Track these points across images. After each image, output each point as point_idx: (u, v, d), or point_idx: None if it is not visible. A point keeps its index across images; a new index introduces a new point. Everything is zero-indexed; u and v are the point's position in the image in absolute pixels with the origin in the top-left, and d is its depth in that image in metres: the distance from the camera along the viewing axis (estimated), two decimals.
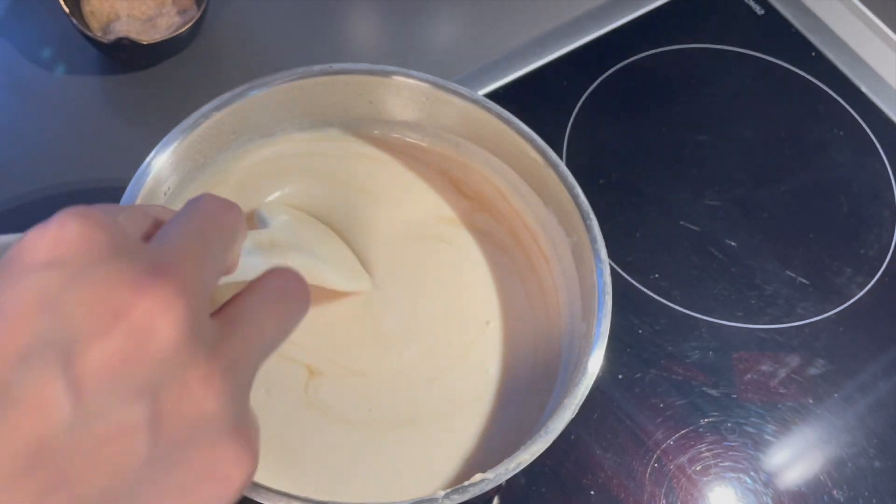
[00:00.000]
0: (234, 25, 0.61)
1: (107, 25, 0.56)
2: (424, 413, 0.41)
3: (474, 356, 0.43)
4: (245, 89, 0.42)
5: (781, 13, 0.66)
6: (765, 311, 0.54)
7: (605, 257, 0.41)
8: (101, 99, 0.57)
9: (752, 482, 0.49)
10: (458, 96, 0.44)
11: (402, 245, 0.45)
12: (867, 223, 0.59)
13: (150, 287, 0.21)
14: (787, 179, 0.60)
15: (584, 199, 0.42)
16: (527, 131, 0.44)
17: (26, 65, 0.58)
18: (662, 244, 0.56)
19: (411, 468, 0.40)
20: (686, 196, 0.58)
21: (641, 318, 0.53)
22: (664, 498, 0.47)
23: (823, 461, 0.50)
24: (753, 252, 0.56)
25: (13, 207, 0.53)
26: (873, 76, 0.64)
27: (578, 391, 0.38)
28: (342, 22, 0.63)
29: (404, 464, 0.40)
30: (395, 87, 0.45)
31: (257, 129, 0.45)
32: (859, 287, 0.56)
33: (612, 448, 0.48)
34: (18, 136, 0.55)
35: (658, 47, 0.63)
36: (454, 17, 0.64)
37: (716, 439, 0.49)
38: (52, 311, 0.20)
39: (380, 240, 0.45)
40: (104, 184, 0.54)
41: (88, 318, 0.21)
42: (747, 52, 0.64)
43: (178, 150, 0.40)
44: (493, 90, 0.59)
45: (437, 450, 0.40)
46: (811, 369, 0.52)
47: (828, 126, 0.62)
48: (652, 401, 0.50)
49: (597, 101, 0.60)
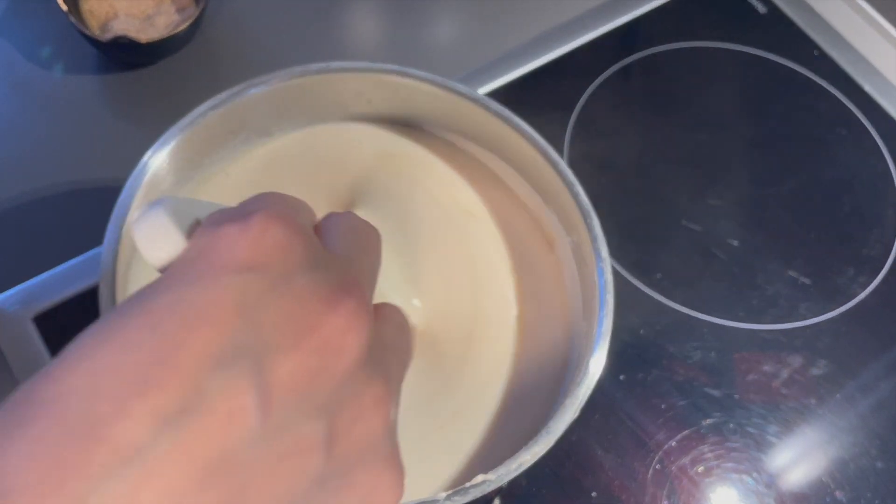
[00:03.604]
0: (233, 24, 0.61)
1: (105, 24, 0.56)
2: (426, 414, 0.41)
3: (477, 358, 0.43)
4: (243, 88, 0.42)
5: (784, 11, 0.66)
6: (767, 312, 0.54)
7: (606, 256, 0.41)
8: (100, 97, 0.57)
9: (755, 483, 0.48)
10: (458, 95, 0.44)
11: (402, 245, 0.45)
12: (870, 223, 0.58)
13: (341, 303, 0.21)
14: (790, 179, 0.60)
15: (584, 198, 0.42)
16: (527, 130, 0.43)
17: (24, 63, 0.58)
18: (664, 244, 0.56)
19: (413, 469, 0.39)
20: (688, 195, 0.58)
21: (643, 319, 0.52)
22: (666, 499, 0.47)
23: (826, 462, 0.50)
24: (755, 252, 0.56)
25: (11, 206, 0.53)
26: (877, 75, 0.64)
27: (580, 392, 0.37)
28: (341, 20, 0.63)
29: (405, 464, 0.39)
30: (393, 85, 0.44)
31: (255, 128, 0.44)
32: (862, 287, 0.55)
33: (613, 449, 0.48)
34: (16, 135, 0.55)
35: (659, 46, 0.63)
36: (454, 17, 0.64)
37: (718, 440, 0.49)
38: (250, 318, 0.20)
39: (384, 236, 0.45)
40: (101, 182, 0.53)
41: (283, 329, 0.20)
42: (749, 51, 0.64)
43: (175, 149, 0.40)
44: (494, 89, 0.59)
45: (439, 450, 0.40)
46: (813, 370, 0.52)
47: (830, 125, 0.62)
48: (653, 401, 0.50)
49: (598, 101, 0.60)
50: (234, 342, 0.19)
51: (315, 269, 0.22)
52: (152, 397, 0.18)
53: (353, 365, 0.21)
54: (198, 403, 0.18)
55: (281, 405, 0.20)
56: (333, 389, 0.21)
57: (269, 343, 0.20)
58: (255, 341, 0.20)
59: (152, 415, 0.18)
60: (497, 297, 0.44)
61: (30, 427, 0.17)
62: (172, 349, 0.19)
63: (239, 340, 0.19)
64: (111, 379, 0.18)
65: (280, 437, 0.20)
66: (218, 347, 0.19)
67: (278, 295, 0.20)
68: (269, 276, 0.21)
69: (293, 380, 0.20)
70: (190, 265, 0.21)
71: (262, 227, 0.21)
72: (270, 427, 0.19)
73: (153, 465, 0.17)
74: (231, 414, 0.19)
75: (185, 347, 0.19)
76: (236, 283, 0.20)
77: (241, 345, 0.19)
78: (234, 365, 0.19)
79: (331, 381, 0.21)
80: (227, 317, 0.19)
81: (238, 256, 0.21)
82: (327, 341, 0.21)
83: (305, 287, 0.21)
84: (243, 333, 0.19)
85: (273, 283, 0.20)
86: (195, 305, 0.19)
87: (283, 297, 0.20)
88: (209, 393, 0.18)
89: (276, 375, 0.20)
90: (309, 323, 0.21)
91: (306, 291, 0.21)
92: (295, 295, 0.21)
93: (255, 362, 0.19)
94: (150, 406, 0.18)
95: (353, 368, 0.21)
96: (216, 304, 0.19)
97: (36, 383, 0.18)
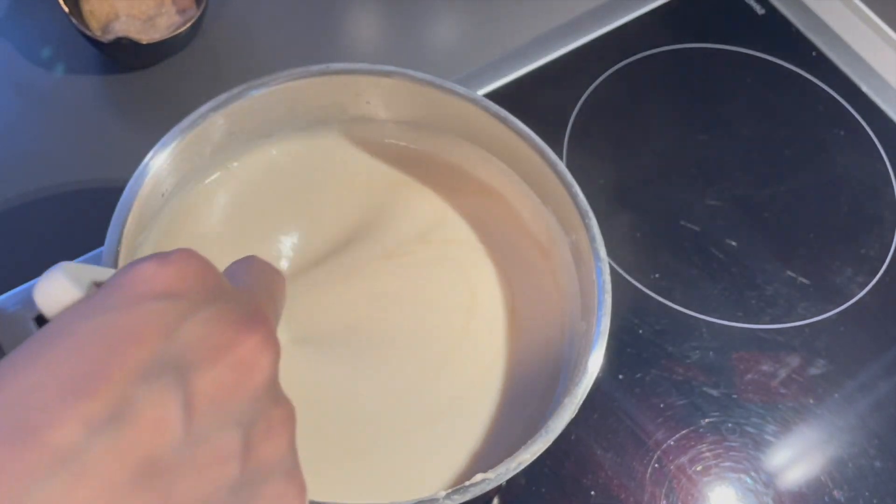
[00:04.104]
0: (234, 25, 0.61)
1: (106, 25, 0.56)
2: (425, 414, 0.41)
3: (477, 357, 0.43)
4: (243, 89, 0.42)
5: (782, 13, 0.66)
6: (765, 311, 0.54)
7: (604, 256, 0.41)
8: (100, 98, 0.57)
9: (753, 482, 0.48)
10: (457, 96, 0.44)
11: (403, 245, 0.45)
12: (868, 223, 0.58)
13: (255, 327, 0.23)
14: (788, 179, 0.60)
15: (582, 198, 0.42)
16: (525, 131, 0.43)
17: (25, 64, 0.58)
18: (663, 244, 0.56)
19: (412, 468, 0.39)
20: (686, 196, 0.58)
21: (642, 318, 0.53)
22: (665, 498, 0.47)
23: (824, 461, 0.50)
24: (754, 252, 0.56)
25: (13, 206, 0.53)
26: (874, 76, 0.64)
27: (578, 391, 0.38)
28: (341, 22, 0.63)
29: (405, 464, 0.39)
30: (393, 86, 0.44)
31: (255, 130, 0.44)
32: (860, 287, 0.56)
33: (612, 448, 0.48)
34: (17, 135, 0.55)
35: (658, 47, 0.63)
36: (454, 17, 0.64)
37: (716, 439, 0.49)
38: (171, 338, 0.21)
39: (379, 240, 0.45)
40: (102, 183, 0.54)
41: (202, 347, 0.22)
42: (748, 52, 0.64)
43: (176, 151, 0.40)
44: (493, 90, 0.59)
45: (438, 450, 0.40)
46: (812, 369, 0.52)
47: (828, 126, 0.62)
48: (652, 401, 0.50)
49: (597, 101, 0.60)
50: (159, 358, 0.21)
51: (228, 299, 0.24)
52: (83, 405, 0.19)
53: (265, 383, 0.23)
54: (127, 411, 0.20)
55: (202, 415, 0.21)
56: (248, 404, 0.23)
57: (191, 360, 0.22)
58: (177, 358, 0.21)
59: (83, 421, 0.19)
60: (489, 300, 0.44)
61: None
62: (100, 365, 0.20)
63: (163, 357, 0.21)
64: (41, 392, 0.19)
65: (202, 444, 0.21)
66: (143, 362, 0.20)
67: (197, 319, 0.22)
68: (188, 303, 0.22)
69: (213, 392, 0.22)
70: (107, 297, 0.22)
71: (181, 259, 0.23)
72: (193, 435, 0.21)
73: (86, 467, 0.19)
74: (157, 421, 0.20)
75: (112, 362, 0.20)
76: (157, 308, 0.22)
77: (164, 361, 0.21)
78: (159, 378, 0.20)
79: (246, 396, 0.23)
80: (150, 337, 0.21)
81: (157, 285, 0.22)
82: (243, 359, 0.23)
83: (221, 313, 0.23)
84: (166, 351, 0.21)
85: (191, 309, 0.22)
86: (119, 328, 0.21)
87: (201, 321, 0.22)
88: (137, 402, 0.20)
89: (198, 388, 0.21)
90: (226, 343, 0.23)
91: (223, 316, 0.23)
92: (212, 319, 0.23)
93: (179, 376, 0.21)
94: (81, 413, 0.19)
95: (264, 387, 0.23)
96: (139, 326, 0.21)
97: None
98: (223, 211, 0.44)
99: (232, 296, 0.24)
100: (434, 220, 0.46)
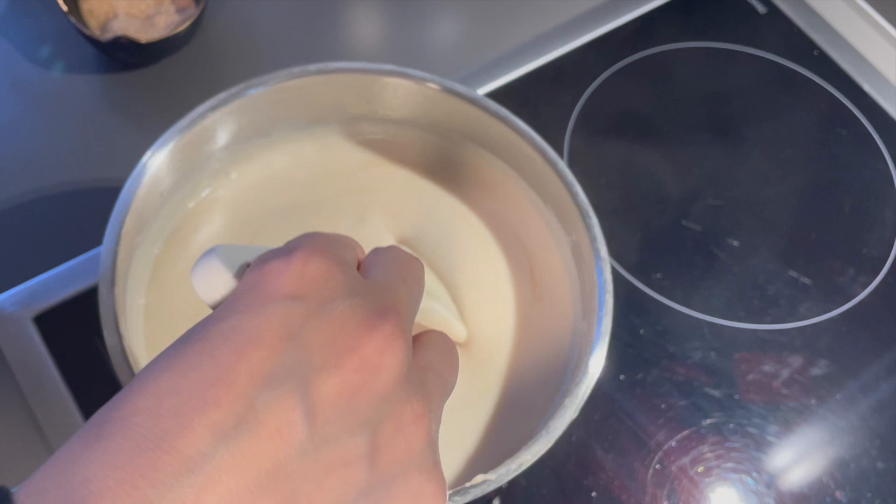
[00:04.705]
0: (233, 24, 0.61)
1: (105, 24, 0.56)
2: None
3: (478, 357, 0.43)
4: (242, 88, 0.42)
5: (784, 11, 0.66)
6: (767, 312, 0.54)
7: (605, 256, 0.41)
8: (99, 97, 0.57)
9: (755, 483, 0.48)
10: (456, 95, 0.44)
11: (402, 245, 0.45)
12: (870, 223, 0.58)
13: (379, 327, 0.23)
14: (790, 179, 0.60)
15: (583, 198, 0.42)
16: (525, 130, 0.43)
17: (24, 63, 0.58)
18: (664, 244, 0.56)
19: None
20: (688, 195, 0.58)
21: (643, 319, 0.52)
22: (666, 499, 0.47)
23: (826, 462, 0.50)
24: (755, 252, 0.56)
25: (11, 206, 0.53)
26: (876, 75, 0.64)
27: (580, 391, 0.37)
28: (340, 20, 0.63)
29: None
30: (392, 85, 0.44)
31: (254, 129, 0.44)
32: (862, 287, 0.55)
33: (613, 449, 0.48)
34: (15, 135, 0.55)
35: (659, 46, 0.63)
36: (453, 17, 0.64)
37: (718, 440, 0.49)
38: (295, 341, 0.22)
39: (379, 239, 0.45)
40: (101, 183, 0.53)
41: (325, 350, 0.22)
42: (749, 51, 0.64)
43: (174, 150, 0.40)
44: (494, 89, 0.59)
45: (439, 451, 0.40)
46: (813, 370, 0.52)
47: (830, 125, 0.62)
48: (654, 401, 0.50)
49: (598, 100, 0.60)
50: (281, 363, 0.21)
51: (353, 296, 0.24)
52: (210, 413, 0.20)
53: (392, 383, 0.23)
54: (250, 418, 0.20)
55: (326, 420, 0.22)
56: (374, 406, 0.23)
57: (313, 363, 0.22)
58: (300, 362, 0.22)
59: (211, 429, 0.20)
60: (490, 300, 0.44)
61: (106, 441, 0.20)
62: (226, 370, 0.21)
63: (285, 361, 0.21)
64: (174, 399, 0.20)
65: (326, 449, 0.22)
66: (267, 368, 0.21)
67: (320, 320, 0.23)
68: (311, 304, 0.23)
69: (336, 396, 0.22)
70: (240, 298, 0.23)
71: (302, 260, 0.24)
72: (317, 440, 0.21)
73: (213, 474, 0.20)
74: (280, 428, 0.21)
75: (237, 368, 0.21)
76: (281, 310, 0.22)
77: (287, 365, 0.21)
78: (281, 383, 0.21)
79: (371, 398, 0.23)
80: (273, 341, 0.22)
81: (282, 287, 0.23)
82: (366, 361, 0.23)
83: (344, 312, 0.23)
84: (289, 355, 0.22)
85: (314, 310, 0.23)
86: (245, 331, 0.22)
87: (324, 322, 0.23)
88: (260, 409, 0.21)
89: (320, 392, 0.22)
90: (349, 344, 0.23)
91: (345, 316, 0.23)
92: (335, 320, 0.23)
93: (301, 381, 0.21)
94: (208, 421, 0.20)
95: (391, 386, 0.23)
96: (263, 330, 0.22)
97: (110, 405, 0.21)
98: (223, 211, 0.44)
99: (361, 291, 0.24)
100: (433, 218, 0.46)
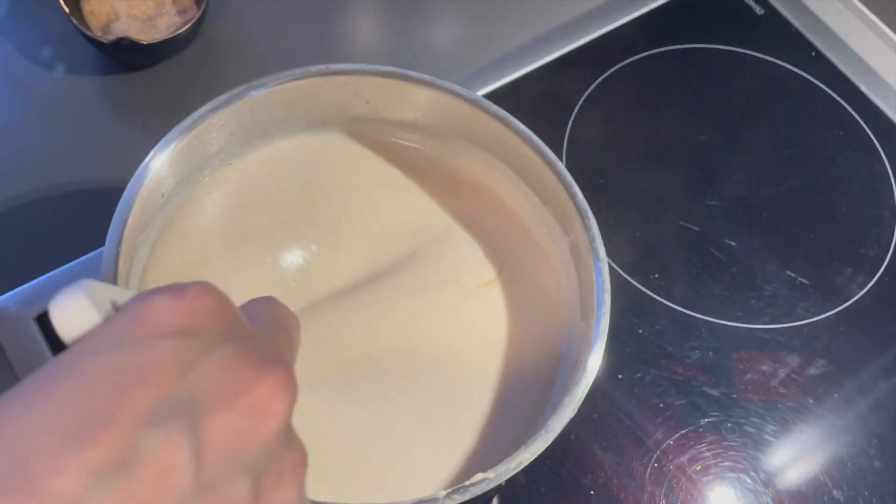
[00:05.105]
0: (234, 26, 0.61)
1: (106, 25, 0.56)
2: (425, 413, 0.41)
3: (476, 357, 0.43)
4: (243, 90, 0.42)
5: (781, 13, 0.66)
6: (765, 311, 0.54)
7: (603, 256, 0.41)
8: (101, 99, 0.57)
9: (753, 482, 0.48)
10: (455, 96, 0.44)
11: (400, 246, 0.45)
12: (867, 223, 0.58)
13: (271, 370, 0.22)
14: (788, 179, 0.60)
15: (581, 198, 0.42)
16: (524, 131, 0.43)
17: (26, 64, 0.58)
18: (662, 244, 0.56)
19: (412, 468, 0.39)
20: (686, 196, 0.58)
21: (641, 318, 0.53)
22: (664, 498, 0.47)
23: (823, 461, 0.50)
24: (753, 252, 0.56)
25: (13, 207, 0.53)
26: (873, 76, 0.64)
27: (578, 390, 0.38)
28: (341, 22, 0.63)
29: (405, 463, 0.40)
30: (392, 87, 0.44)
31: (255, 130, 0.45)
32: (859, 287, 0.56)
33: (612, 448, 0.48)
34: (17, 136, 0.55)
35: (658, 47, 0.63)
36: (454, 17, 0.64)
37: (716, 439, 0.49)
38: (183, 380, 0.20)
39: (378, 241, 0.45)
40: (103, 184, 0.54)
41: (215, 390, 0.21)
42: (747, 53, 0.64)
43: (176, 152, 0.40)
44: (493, 90, 0.59)
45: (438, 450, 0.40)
46: (811, 369, 0.52)
47: (828, 126, 0.62)
48: (652, 401, 0.50)
49: (597, 101, 0.60)
50: (169, 402, 0.20)
51: (244, 339, 0.23)
52: (87, 452, 0.18)
53: (279, 429, 0.22)
54: (133, 459, 0.19)
55: (212, 463, 0.20)
56: (260, 451, 0.22)
57: (203, 403, 0.21)
58: (189, 401, 0.20)
59: (87, 470, 0.18)
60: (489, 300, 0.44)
61: None
62: (107, 407, 0.19)
63: (173, 400, 0.20)
64: (44, 436, 0.18)
65: (211, 493, 0.20)
66: (153, 406, 0.19)
67: (211, 360, 0.21)
68: (202, 342, 0.21)
69: (225, 439, 0.21)
70: (115, 331, 0.21)
71: (195, 296, 0.22)
72: (202, 483, 0.20)
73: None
74: (165, 470, 0.19)
75: (119, 405, 0.19)
76: (170, 346, 0.21)
77: (175, 404, 0.20)
78: (168, 423, 0.19)
79: (258, 443, 0.22)
80: (161, 378, 0.20)
81: (170, 323, 0.21)
82: (257, 404, 0.22)
83: (236, 353, 0.22)
84: (177, 394, 0.20)
85: (206, 348, 0.21)
86: (129, 367, 0.20)
87: (215, 362, 0.21)
88: (144, 449, 0.19)
89: (208, 434, 0.20)
90: (240, 386, 0.21)
91: (238, 357, 0.22)
92: (227, 360, 0.22)
93: (189, 421, 0.20)
94: (85, 461, 0.18)
95: (278, 433, 0.22)
96: (150, 366, 0.20)
97: None
98: (224, 212, 0.44)
99: (249, 335, 0.23)
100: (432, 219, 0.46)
